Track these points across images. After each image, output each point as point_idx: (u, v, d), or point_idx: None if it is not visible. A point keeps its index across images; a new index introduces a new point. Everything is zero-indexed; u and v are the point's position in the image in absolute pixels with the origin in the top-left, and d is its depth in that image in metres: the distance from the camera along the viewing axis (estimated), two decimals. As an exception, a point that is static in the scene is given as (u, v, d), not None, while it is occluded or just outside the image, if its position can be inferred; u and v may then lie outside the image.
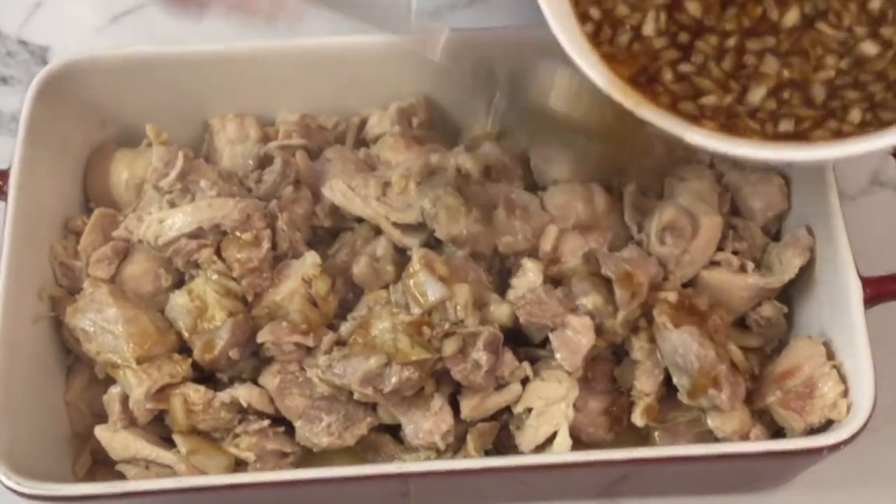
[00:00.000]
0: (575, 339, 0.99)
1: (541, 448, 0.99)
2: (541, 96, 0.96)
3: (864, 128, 0.91)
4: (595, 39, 0.96)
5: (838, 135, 0.91)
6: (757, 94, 0.92)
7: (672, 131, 0.91)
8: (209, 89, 1.14)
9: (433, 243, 1.06)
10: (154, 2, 0.95)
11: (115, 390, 1.01)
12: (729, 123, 0.92)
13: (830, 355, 1.00)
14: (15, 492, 0.92)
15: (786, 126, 0.91)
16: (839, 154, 0.90)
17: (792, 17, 0.94)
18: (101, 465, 1.03)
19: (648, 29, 0.95)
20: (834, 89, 0.92)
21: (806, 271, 1.04)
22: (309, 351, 1.01)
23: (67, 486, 0.94)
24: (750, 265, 1.05)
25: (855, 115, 0.91)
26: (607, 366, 1.03)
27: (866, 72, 0.93)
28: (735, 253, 1.05)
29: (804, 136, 0.91)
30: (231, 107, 1.15)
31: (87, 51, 1.13)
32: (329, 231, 1.09)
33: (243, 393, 1.00)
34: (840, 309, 0.99)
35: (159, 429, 1.02)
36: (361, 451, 1.03)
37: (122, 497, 0.93)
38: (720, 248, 1.06)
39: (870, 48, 0.93)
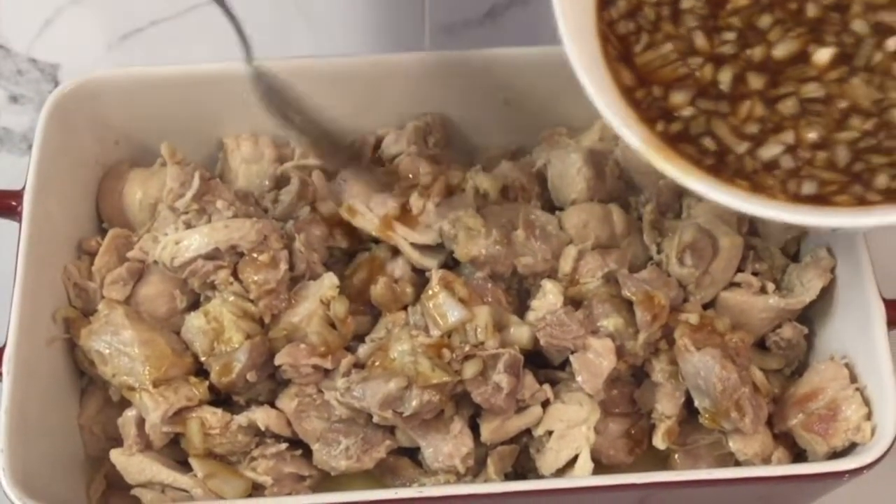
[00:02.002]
0: (596, 362, 0.98)
1: (561, 471, 0.98)
2: None
3: (890, 195, 0.84)
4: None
5: (862, 201, 0.84)
6: (771, 150, 0.85)
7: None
8: (223, 108, 1.13)
9: (451, 264, 1.05)
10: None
11: (130, 413, 1.00)
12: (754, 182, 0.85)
13: (853, 378, 0.99)
14: (30, 517, 0.91)
15: (809, 188, 0.85)
16: (864, 223, 0.85)
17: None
18: (116, 489, 1.02)
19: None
20: (858, 152, 0.85)
21: (827, 293, 1.04)
22: (327, 373, 1.00)
23: (86, 512, 0.93)
24: (770, 286, 1.04)
25: (881, 180, 0.84)
26: (627, 388, 1.03)
27: (893, 137, 0.85)
28: (755, 274, 1.05)
29: (827, 199, 0.84)
30: (245, 126, 1.14)
31: (99, 69, 1.13)
32: (346, 252, 1.08)
33: (261, 416, 0.99)
34: (862, 331, 0.98)
35: (175, 452, 1.01)
36: (380, 474, 1.02)
37: (140, 522, 0.92)
38: (740, 270, 1.05)
39: None
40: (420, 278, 1.04)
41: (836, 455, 0.98)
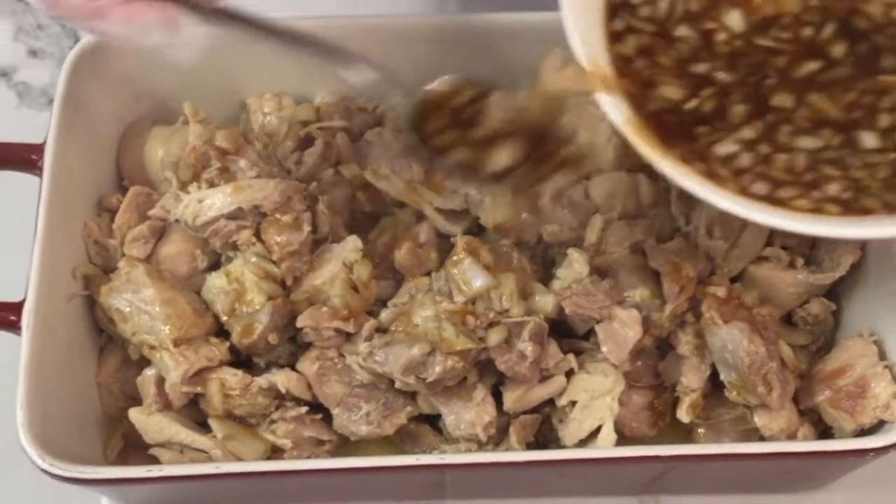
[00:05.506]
0: (622, 332, 0.97)
1: (584, 442, 0.97)
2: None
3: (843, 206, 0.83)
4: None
5: (818, 210, 0.83)
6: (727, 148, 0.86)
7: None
8: (246, 67, 1.12)
9: (476, 230, 1.04)
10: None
11: (150, 372, 0.99)
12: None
13: (882, 355, 0.98)
14: (49, 473, 0.89)
15: (760, 188, 0.85)
16: (820, 231, 0.84)
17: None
18: (134, 447, 1.01)
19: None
20: (816, 161, 0.85)
21: (856, 269, 1.02)
22: (348, 337, 0.99)
23: (105, 469, 0.92)
24: (799, 261, 1.03)
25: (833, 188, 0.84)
26: (652, 360, 1.01)
27: (855, 157, 0.85)
28: (784, 248, 1.04)
29: (782, 202, 0.84)
30: (269, 86, 1.12)
31: (121, 25, 1.11)
32: (369, 215, 1.06)
33: (281, 378, 0.98)
34: (893, 308, 0.97)
35: (194, 413, 1.00)
36: (400, 440, 1.01)
37: (159, 481, 0.91)
38: (769, 243, 1.04)
39: (869, 140, 0.85)
40: (444, 244, 1.03)
41: (863, 432, 0.97)
